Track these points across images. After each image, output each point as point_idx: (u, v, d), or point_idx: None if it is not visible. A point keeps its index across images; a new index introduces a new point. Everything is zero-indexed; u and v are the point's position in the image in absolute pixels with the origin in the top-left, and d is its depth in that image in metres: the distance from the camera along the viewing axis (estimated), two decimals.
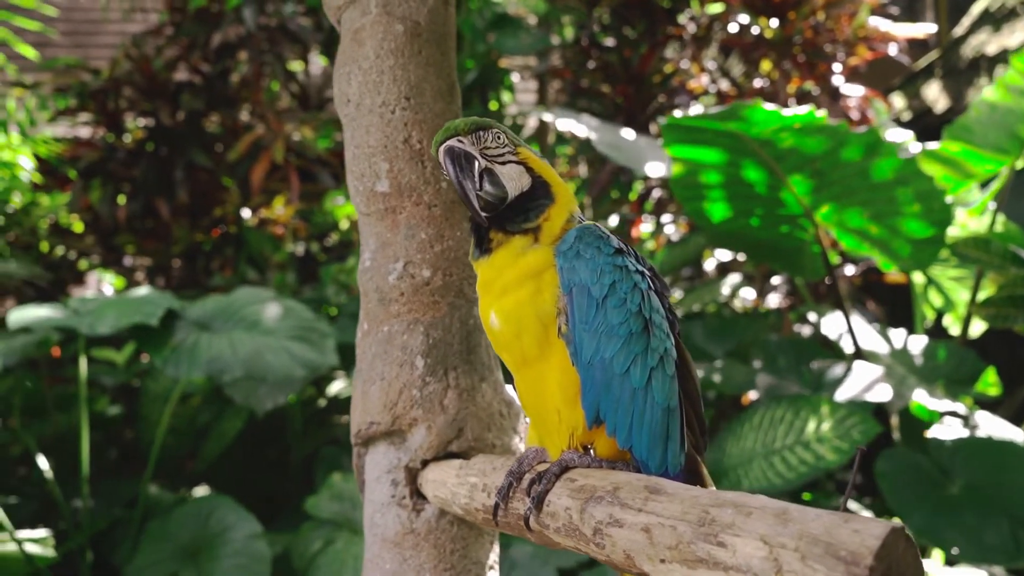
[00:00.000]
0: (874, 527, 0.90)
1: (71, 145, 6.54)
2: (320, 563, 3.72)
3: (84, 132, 7.04)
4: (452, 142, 1.41)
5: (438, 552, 1.70)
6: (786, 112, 3.78)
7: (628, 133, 5.09)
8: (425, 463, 1.73)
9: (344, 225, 7.30)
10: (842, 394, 4.27)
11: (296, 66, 7.34)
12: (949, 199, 4.19)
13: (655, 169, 4.66)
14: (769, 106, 3.71)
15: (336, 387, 5.70)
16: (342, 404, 5.76)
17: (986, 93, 4.79)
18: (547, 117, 5.54)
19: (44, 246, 6.75)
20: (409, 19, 1.77)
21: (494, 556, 1.79)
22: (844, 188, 4.09)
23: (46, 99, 6.36)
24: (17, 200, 6.27)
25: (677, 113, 4.13)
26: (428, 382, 1.71)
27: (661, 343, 1.35)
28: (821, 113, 3.77)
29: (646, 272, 1.41)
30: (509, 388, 1.84)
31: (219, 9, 6.55)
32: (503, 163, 1.42)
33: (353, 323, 5.43)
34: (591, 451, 1.37)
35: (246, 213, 6.81)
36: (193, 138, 6.52)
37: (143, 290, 4.56)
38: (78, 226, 6.80)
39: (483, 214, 1.39)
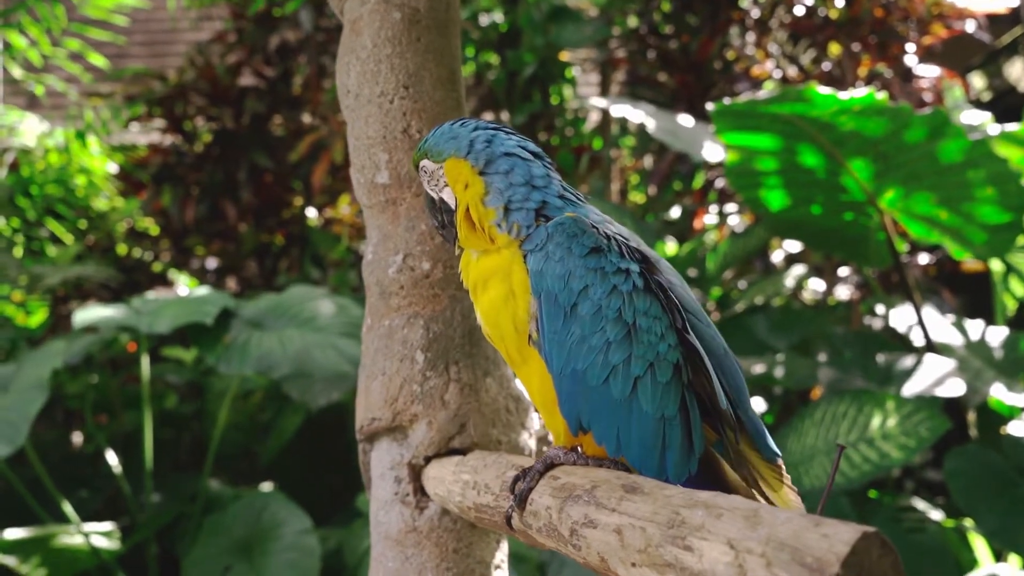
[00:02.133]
0: (844, 532, 0.81)
1: (147, 151, 6.76)
2: (369, 560, 3.73)
3: (156, 138, 7.25)
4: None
5: (440, 551, 1.65)
6: (843, 95, 3.61)
7: (686, 120, 4.96)
8: (428, 460, 1.69)
9: None
10: (910, 388, 4.07)
11: None
12: None
13: (713, 153, 4.51)
14: (824, 89, 3.56)
15: None
16: None
17: None
18: (600, 103, 5.44)
19: (121, 249, 6.98)
20: (407, 6, 1.73)
21: (500, 555, 1.73)
22: (910, 172, 3.89)
23: (119, 107, 6.57)
24: (101, 204, 6.52)
25: (727, 100, 4.00)
26: (429, 377, 1.67)
27: (650, 348, 1.24)
28: (882, 95, 3.59)
29: (632, 270, 1.28)
30: (519, 382, 1.79)
31: (281, 13, 6.66)
32: (442, 189, 1.41)
33: None
34: (579, 449, 1.30)
35: (311, 213, 6.91)
36: (257, 141, 6.65)
37: (202, 290, 4.66)
38: (154, 229, 7.02)
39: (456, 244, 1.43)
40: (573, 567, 3.58)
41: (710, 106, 3.85)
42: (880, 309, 5.12)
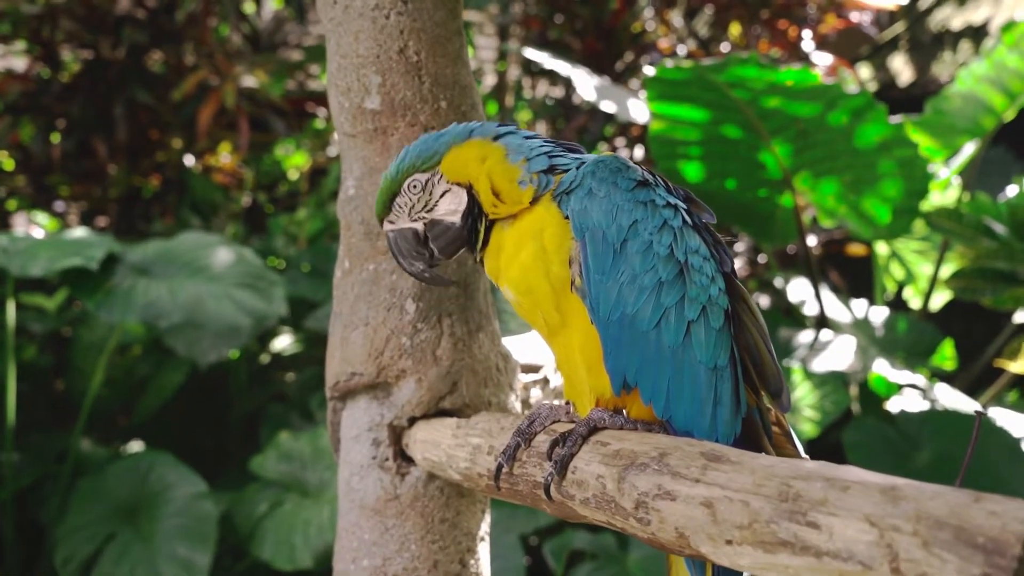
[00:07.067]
0: (1016, 508, 0.73)
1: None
2: (267, 526, 3.51)
3: (14, 63, 6.55)
4: (385, 227, 1.32)
5: (425, 521, 1.50)
6: (781, 68, 3.63)
7: (604, 80, 4.91)
8: (412, 421, 1.53)
9: (293, 176, 7.00)
10: (810, 363, 4.19)
11: (248, 7, 6.95)
12: (931, 168, 4.10)
13: (640, 113, 4.45)
14: (764, 61, 3.55)
15: (281, 343, 5.45)
16: (286, 360, 5.52)
17: (963, 76, 4.71)
18: (532, 55, 5.29)
19: None
20: None
21: (485, 526, 1.60)
22: (827, 151, 3.97)
23: None
24: None
25: (649, 71, 3.95)
26: (420, 329, 1.50)
27: (703, 290, 1.15)
28: (815, 73, 3.63)
29: (680, 205, 1.21)
30: (505, 340, 1.65)
31: None
32: (435, 206, 1.28)
33: (302, 277, 5.16)
34: (624, 413, 1.18)
35: (189, 159, 6.45)
36: (134, 75, 6.11)
37: (79, 231, 4.24)
38: (8, 164, 6.36)
39: (450, 279, 1.40)
40: None
41: (649, 70, 3.78)
42: (778, 283, 5.25)
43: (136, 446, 4.79)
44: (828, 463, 0.89)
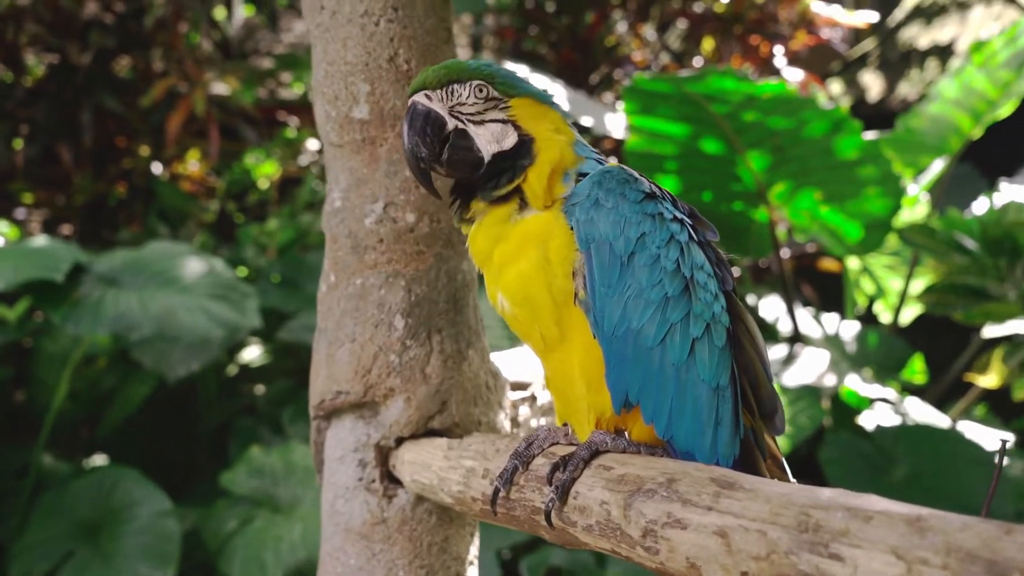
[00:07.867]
0: None
1: None
2: (237, 543, 3.42)
3: None
4: (418, 97, 1.20)
5: (413, 546, 1.44)
6: (759, 81, 3.64)
7: (580, 93, 4.90)
8: (400, 441, 1.47)
9: (263, 185, 6.90)
10: (781, 378, 4.19)
11: (219, 13, 6.86)
12: (905, 184, 4.13)
13: (615, 126, 4.45)
14: (740, 74, 3.56)
15: (250, 354, 5.35)
16: (255, 372, 5.42)
17: (933, 97, 4.76)
18: (510, 67, 5.28)
19: None
20: None
21: (474, 550, 1.55)
22: (803, 166, 3.98)
23: None
24: None
25: (628, 83, 3.95)
26: (409, 346, 1.45)
27: (707, 308, 1.13)
28: (792, 86, 3.64)
29: (686, 220, 1.18)
30: (494, 356, 1.60)
31: None
32: (481, 122, 1.20)
33: (272, 287, 5.08)
34: (626, 435, 1.14)
35: (157, 167, 6.33)
36: (101, 80, 6.00)
37: (41, 240, 4.12)
38: None
39: (435, 189, 1.24)
40: None
41: (628, 82, 3.77)
42: (750, 300, 5.26)
43: (100, 460, 4.66)
44: (846, 491, 0.86)
